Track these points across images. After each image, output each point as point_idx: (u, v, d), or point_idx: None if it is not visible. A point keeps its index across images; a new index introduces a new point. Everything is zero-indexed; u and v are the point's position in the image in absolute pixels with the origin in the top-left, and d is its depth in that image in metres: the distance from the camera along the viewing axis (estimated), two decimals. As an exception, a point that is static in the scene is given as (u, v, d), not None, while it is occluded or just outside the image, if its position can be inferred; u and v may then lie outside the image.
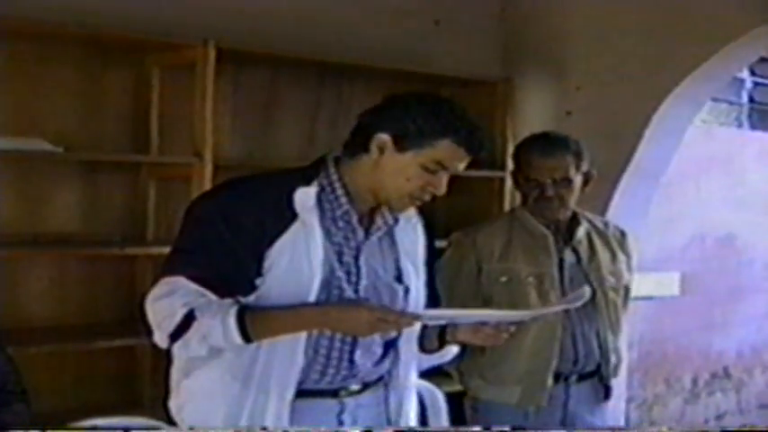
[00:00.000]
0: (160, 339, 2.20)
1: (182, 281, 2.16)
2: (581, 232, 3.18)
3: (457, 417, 3.43)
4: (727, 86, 6.06)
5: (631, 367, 5.67)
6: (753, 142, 6.64)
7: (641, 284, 4.58)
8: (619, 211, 4.34)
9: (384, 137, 2.21)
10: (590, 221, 3.27)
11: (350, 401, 2.31)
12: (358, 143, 2.26)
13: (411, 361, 2.42)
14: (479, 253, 3.16)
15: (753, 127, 6.82)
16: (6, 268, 3.51)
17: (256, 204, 2.20)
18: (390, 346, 2.36)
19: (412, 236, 2.42)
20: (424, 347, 2.45)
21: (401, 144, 2.21)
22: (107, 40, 3.59)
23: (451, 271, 3.20)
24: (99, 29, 3.48)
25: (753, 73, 6.60)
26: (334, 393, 2.30)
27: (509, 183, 4.28)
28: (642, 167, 4.36)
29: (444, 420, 3.47)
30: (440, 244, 3.39)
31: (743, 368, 6.67)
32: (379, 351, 2.33)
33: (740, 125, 6.75)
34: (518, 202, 3.34)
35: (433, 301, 2.48)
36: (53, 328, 3.54)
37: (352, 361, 2.28)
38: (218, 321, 2.11)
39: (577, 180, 3.11)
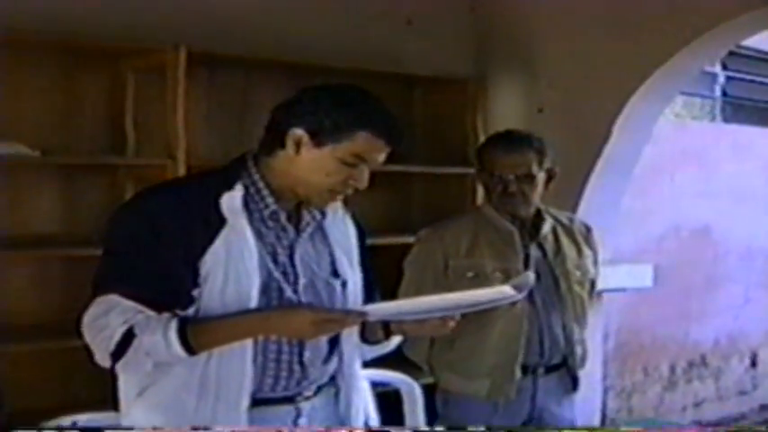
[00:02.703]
0: (102, 360, 2.13)
1: (116, 298, 2.09)
2: (546, 228, 3.23)
3: (434, 409, 3.47)
4: (700, 81, 6.16)
5: (609, 357, 5.76)
6: (726, 135, 6.73)
7: (615, 276, 4.67)
8: (590, 205, 4.43)
9: (299, 132, 2.14)
10: (555, 217, 3.32)
11: (305, 405, 2.28)
12: (273, 139, 2.19)
13: (354, 354, 2.39)
14: (446, 249, 3.20)
15: (726, 120, 6.91)
16: (-13, 269, 3.59)
17: (183, 213, 2.13)
18: (334, 342, 2.32)
19: (342, 228, 2.38)
20: (367, 339, 2.41)
21: (317, 139, 2.14)
22: (82, 46, 3.66)
23: (419, 267, 3.26)
24: (74, 36, 3.55)
25: (725, 67, 6.68)
26: (290, 399, 2.26)
27: (482, 179, 4.35)
28: (612, 162, 4.43)
29: (421, 412, 3.49)
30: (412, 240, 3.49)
31: (720, 356, 6.76)
32: (325, 349, 2.30)
33: (713, 119, 6.84)
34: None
35: (369, 290, 2.43)
36: (34, 326, 3.60)
37: (302, 363, 2.24)
38: (160, 336, 2.07)
39: (540, 176, 3.16)
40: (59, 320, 3.61)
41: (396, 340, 2.46)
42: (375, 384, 3.49)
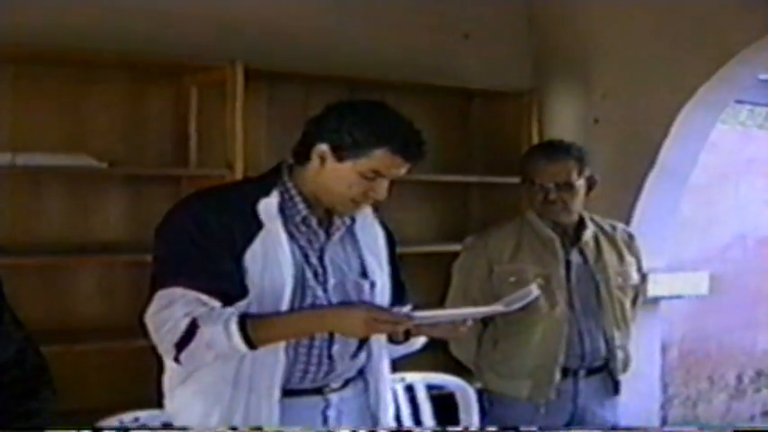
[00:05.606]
0: (166, 351, 2.27)
1: (178, 291, 2.22)
2: (588, 235, 3.31)
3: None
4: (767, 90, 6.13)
5: (672, 365, 5.77)
6: (794, 145, 6.64)
7: (671, 284, 4.69)
8: (646, 214, 4.48)
9: (323, 147, 2.30)
10: (598, 224, 3.39)
11: (333, 397, 2.41)
12: (302, 152, 2.36)
13: (382, 352, 2.50)
14: (491, 255, 3.30)
15: (795, 130, 6.81)
16: (58, 274, 3.78)
17: (226, 215, 2.28)
18: (363, 340, 2.44)
19: (371, 232, 2.52)
20: (391, 338, 2.49)
21: (339, 154, 2.29)
22: (148, 63, 3.84)
23: (465, 272, 3.37)
24: (141, 53, 3.75)
25: (794, 77, 6.61)
26: (318, 391, 2.39)
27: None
28: (667, 170, 4.46)
29: (475, 414, 3.57)
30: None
31: (791, 366, 6.68)
32: (354, 344, 2.42)
33: (781, 128, 6.76)
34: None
35: (399, 293, 2.55)
36: (101, 327, 3.77)
37: (330, 356, 2.37)
38: (221, 329, 2.19)
39: (579, 184, 3.24)
40: (125, 322, 3.78)
41: (419, 341, 2.56)
42: (431, 387, 3.62)
